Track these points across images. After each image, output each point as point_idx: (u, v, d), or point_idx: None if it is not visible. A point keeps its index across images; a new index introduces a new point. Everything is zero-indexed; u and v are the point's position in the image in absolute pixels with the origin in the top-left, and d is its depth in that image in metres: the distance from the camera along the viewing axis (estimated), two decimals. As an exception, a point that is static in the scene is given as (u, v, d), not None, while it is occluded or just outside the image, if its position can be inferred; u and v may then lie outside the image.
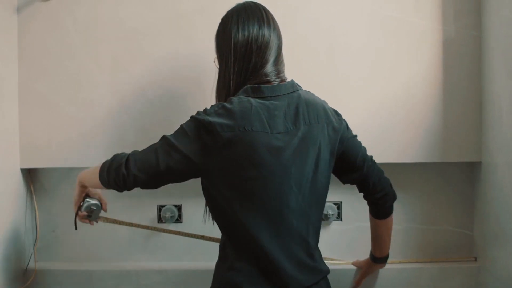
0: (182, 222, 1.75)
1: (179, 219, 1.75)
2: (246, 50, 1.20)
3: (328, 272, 1.28)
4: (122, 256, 1.77)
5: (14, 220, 1.63)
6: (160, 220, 1.76)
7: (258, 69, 1.20)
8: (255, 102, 1.16)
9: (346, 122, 1.31)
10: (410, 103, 1.65)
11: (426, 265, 1.70)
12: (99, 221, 1.47)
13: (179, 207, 1.75)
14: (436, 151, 1.65)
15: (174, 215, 1.75)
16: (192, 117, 1.18)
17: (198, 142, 1.14)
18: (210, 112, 1.16)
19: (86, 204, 1.41)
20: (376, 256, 1.53)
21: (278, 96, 1.19)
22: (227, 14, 1.26)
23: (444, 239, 1.75)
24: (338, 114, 1.30)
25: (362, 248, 1.59)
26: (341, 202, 1.74)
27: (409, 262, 1.72)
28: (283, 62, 1.27)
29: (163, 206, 1.75)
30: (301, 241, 1.21)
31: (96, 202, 1.43)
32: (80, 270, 1.71)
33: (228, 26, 1.23)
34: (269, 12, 1.26)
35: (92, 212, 1.42)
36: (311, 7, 1.65)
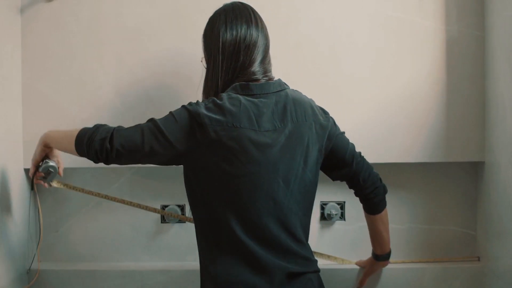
0: (185, 222, 1.75)
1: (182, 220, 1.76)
2: (234, 49, 1.22)
3: (319, 269, 1.29)
4: (125, 256, 1.77)
5: (17, 220, 1.63)
6: (163, 220, 1.76)
7: (246, 68, 1.23)
8: (244, 100, 1.18)
9: (333, 120, 1.33)
10: (413, 102, 1.65)
11: (429, 265, 1.70)
12: (52, 184, 1.46)
13: (182, 207, 1.75)
14: (439, 151, 1.65)
15: (178, 215, 1.75)
16: (183, 106, 1.19)
17: (186, 132, 1.15)
18: (202, 105, 1.17)
19: (45, 165, 1.39)
20: (378, 254, 1.54)
21: (267, 94, 1.21)
22: (214, 14, 1.28)
23: (447, 239, 1.75)
24: (325, 112, 1.32)
25: (365, 248, 1.59)
26: (344, 202, 1.75)
27: (412, 262, 1.72)
28: (270, 62, 1.30)
29: (166, 206, 1.76)
30: (288, 233, 1.22)
31: (54, 165, 1.40)
32: (83, 270, 1.71)
33: (216, 25, 1.25)
34: (256, 12, 1.28)
35: (49, 174, 1.40)
36: (314, 7, 1.65)
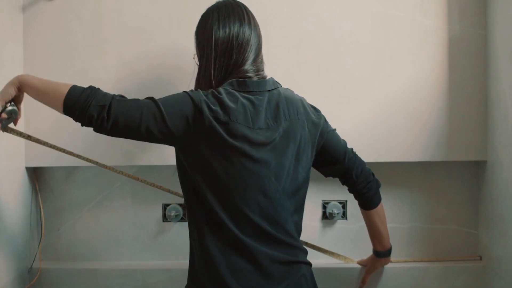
0: (186, 221, 1.74)
1: (184, 218, 1.75)
2: (227, 47, 1.23)
3: (310, 263, 1.29)
4: (127, 255, 1.77)
5: (19, 219, 1.63)
6: (165, 218, 1.76)
7: (238, 66, 1.23)
8: (240, 96, 1.19)
9: (325, 117, 1.34)
10: (415, 101, 1.65)
11: (431, 264, 1.70)
12: (4, 131, 1.30)
13: (184, 206, 1.75)
14: (442, 150, 1.65)
15: (179, 213, 1.75)
16: (186, 92, 1.19)
17: (185, 116, 1.15)
18: (202, 94, 1.18)
19: (10, 108, 1.23)
20: (378, 250, 1.54)
21: (262, 92, 1.22)
22: (207, 11, 1.28)
23: (449, 238, 1.75)
24: (316, 110, 1.33)
25: (367, 247, 1.58)
26: (346, 201, 1.74)
27: (414, 261, 1.72)
28: (263, 61, 1.30)
29: (168, 205, 1.76)
30: (278, 228, 1.22)
31: (17, 111, 1.26)
32: (85, 269, 1.71)
33: (209, 23, 1.25)
34: (249, 10, 1.29)
35: (8, 119, 1.25)
36: (316, 5, 1.65)
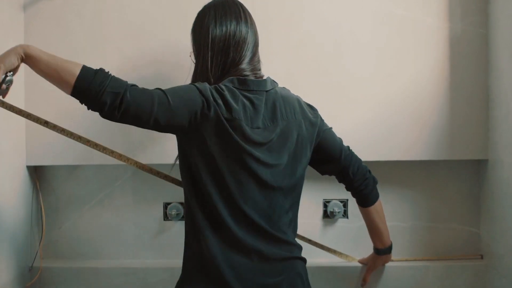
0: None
1: (185, 217, 1.75)
2: (224, 46, 1.23)
3: (305, 258, 1.30)
4: (128, 253, 1.77)
5: (20, 218, 1.63)
6: (166, 217, 1.76)
7: (235, 64, 1.23)
8: (241, 95, 1.19)
9: (321, 116, 1.34)
10: (417, 100, 1.65)
11: (433, 263, 1.70)
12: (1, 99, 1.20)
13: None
14: (443, 148, 1.65)
15: (180, 212, 1.74)
16: (193, 84, 1.18)
17: (193, 109, 1.15)
18: (208, 86, 1.18)
19: (9, 78, 1.14)
20: (378, 248, 1.54)
21: (262, 91, 1.22)
22: (203, 9, 1.28)
23: (450, 237, 1.75)
24: (313, 109, 1.33)
25: (368, 245, 1.58)
26: (347, 200, 1.74)
27: (415, 260, 1.72)
28: (260, 60, 1.30)
29: (169, 204, 1.75)
30: (273, 225, 1.22)
31: (12, 81, 1.16)
32: (86, 268, 1.71)
33: (205, 21, 1.24)
34: (246, 8, 1.29)
35: (5, 89, 1.16)
36: (318, 4, 1.65)
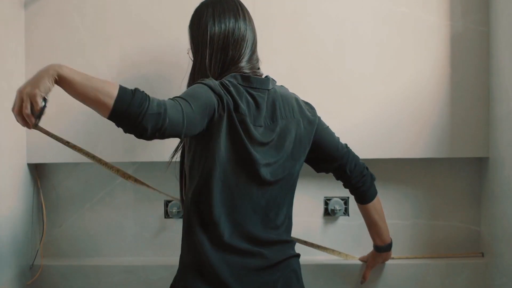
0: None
1: (186, 215, 1.75)
2: (223, 44, 1.22)
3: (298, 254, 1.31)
4: (129, 251, 1.77)
5: (20, 216, 1.63)
6: (167, 215, 1.76)
7: (235, 62, 1.22)
8: (244, 91, 1.18)
9: (318, 115, 1.35)
10: (418, 98, 1.65)
11: (433, 260, 1.70)
12: (35, 128, 1.13)
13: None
14: (444, 146, 1.65)
15: (181, 210, 1.74)
16: (202, 83, 1.14)
17: (212, 111, 1.12)
18: (217, 83, 1.16)
19: (45, 102, 1.05)
20: (378, 245, 1.54)
21: (264, 90, 1.22)
22: (201, 6, 1.27)
23: (451, 234, 1.75)
24: (311, 107, 1.34)
25: (369, 243, 1.59)
26: (348, 198, 1.74)
27: (416, 258, 1.72)
28: (258, 59, 1.29)
29: (170, 201, 1.75)
30: (268, 222, 1.23)
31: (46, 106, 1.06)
32: (86, 266, 1.71)
33: (204, 18, 1.23)
34: (243, 5, 1.28)
35: (41, 114, 1.07)
36: (320, 2, 1.64)
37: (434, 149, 1.65)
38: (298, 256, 1.31)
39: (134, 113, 0.99)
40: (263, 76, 1.26)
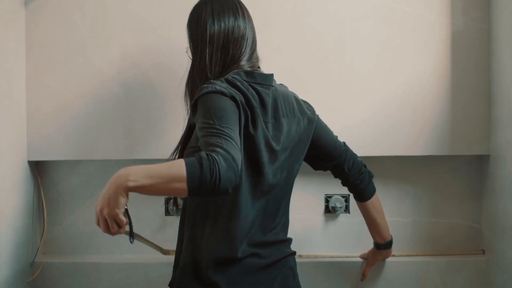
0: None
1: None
2: (224, 42, 1.20)
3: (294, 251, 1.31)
4: (129, 248, 1.76)
5: (21, 213, 1.63)
6: (167, 212, 1.76)
7: (236, 61, 1.21)
8: (249, 86, 1.17)
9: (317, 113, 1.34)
10: (419, 96, 1.65)
11: (434, 258, 1.70)
12: (136, 239, 1.13)
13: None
14: (445, 144, 1.65)
15: (181, 208, 1.74)
16: (213, 92, 1.09)
17: (239, 120, 1.11)
18: (225, 86, 1.12)
19: (128, 213, 1.04)
20: (378, 243, 1.54)
21: (268, 86, 1.20)
22: (200, 4, 1.25)
23: (452, 232, 1.75)
24: (310, 105, 1.33)
25: (370, 240, 1.58)
26: (349, 195, 1.74)
27: (417, 255, 1.72)
28: (258, 58, 1.28)
29: (170, 199, 1.75)
30: (267, 221, 1.23)
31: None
32: (87, 263, 1.71)
33: (203, 17, 1.21)
34: (242, 3, 1.27)
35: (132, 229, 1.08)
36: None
37: (435, 146, 1.65)
38: (294, 253, 1.31)
39: (209, 183, 0.94)
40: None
